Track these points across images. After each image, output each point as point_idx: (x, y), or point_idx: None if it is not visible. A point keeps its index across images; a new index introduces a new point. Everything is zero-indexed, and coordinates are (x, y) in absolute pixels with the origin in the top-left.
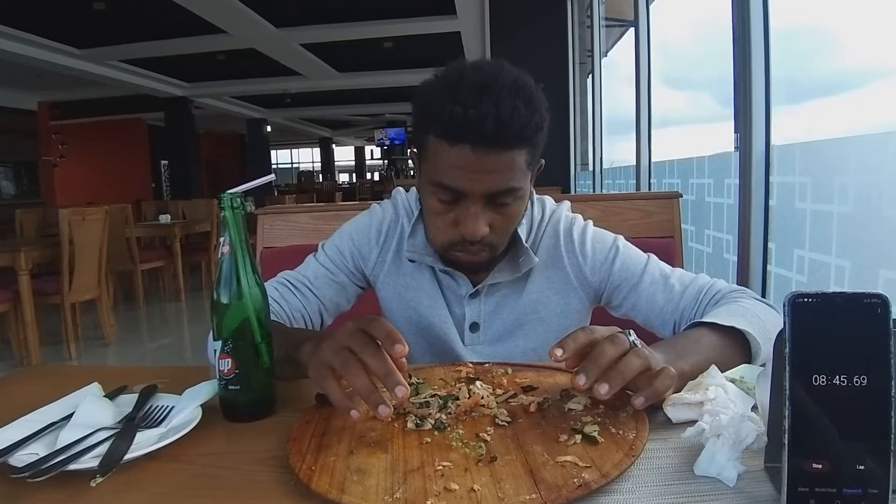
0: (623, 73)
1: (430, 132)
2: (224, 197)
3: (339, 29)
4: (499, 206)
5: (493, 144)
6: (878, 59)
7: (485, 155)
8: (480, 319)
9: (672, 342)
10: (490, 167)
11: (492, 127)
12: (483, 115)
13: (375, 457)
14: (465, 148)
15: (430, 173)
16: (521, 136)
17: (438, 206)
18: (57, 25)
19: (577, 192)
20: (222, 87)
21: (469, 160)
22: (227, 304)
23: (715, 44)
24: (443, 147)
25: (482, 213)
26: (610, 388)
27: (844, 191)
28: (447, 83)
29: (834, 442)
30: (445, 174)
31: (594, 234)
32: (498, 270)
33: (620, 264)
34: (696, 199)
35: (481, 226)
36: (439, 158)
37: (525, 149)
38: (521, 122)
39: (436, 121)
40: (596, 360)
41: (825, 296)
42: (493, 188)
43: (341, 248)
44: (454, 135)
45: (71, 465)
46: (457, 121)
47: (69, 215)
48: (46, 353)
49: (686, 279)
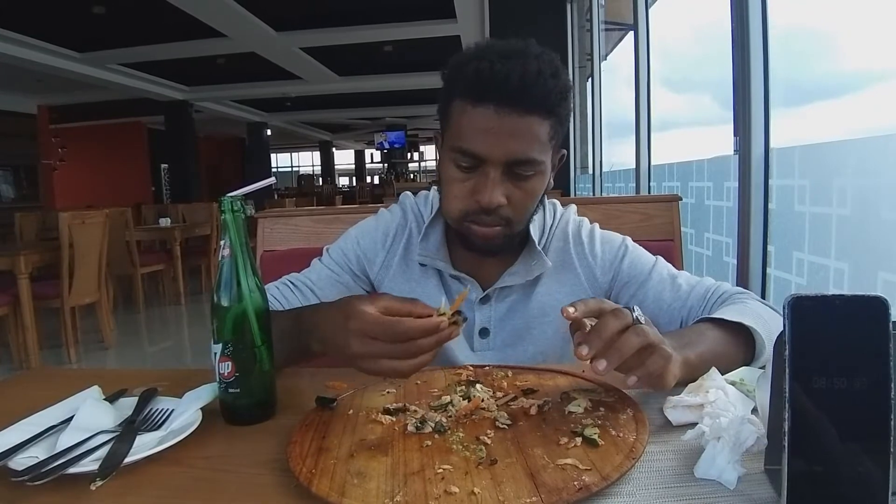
0: (622, 77)
1: (455, 94)
2: (224, 200)
3: (339, 33)
4: (518, 179)
5: (517, 104)
6: (876, 61)
7: (507, 116)
8: (491, 325)
9: (679, 333)
10: (512, 130)
11: (517, 84)
12: (508, 71)
13: (376, 460)
14: (488, 108)
15: (451, 139)
16: (545, 101)
17: (457, 174)
18: (57, 29)
19: (577, 196)
20: (222, 90)
21: (491, 121)
22: (228, 307)
23: (714, 47)
24: (466, 109)
25: (500, 182)
26: (608, 365)
27: (843, 194)
28: (476, 48)
29: (834, 444)
30: (466, 138)
31: (602, 235)
32: (509, 274)
33: (629, 262)
34: (695, 202)
35: (498, 194)
36: (462, 121)
37: (548, 119)
38: (547, 85)
39: (462, 79)
40: (599, 332)
41: (825, 298)
42: (514, 155)
43: (346, 250)
44: (479, 91)
45: (71, 469)
46: (482, 76)
47: (69, 219)
48: (46, 357)
49: (693, 280)
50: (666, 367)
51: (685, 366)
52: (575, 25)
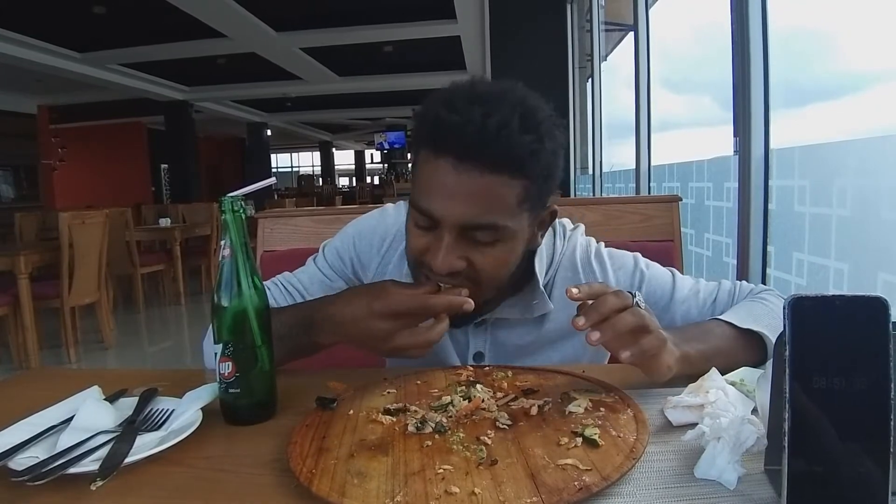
0: (622, 77)
1: (420, 143)
2: (224, 200)
3: (339, 33)
4: (478, 244)
5: (476, 160)
6: (876, 62)
7: (466, 173)
8: (485, 349)
9: (682, 329)
10: (470, 191)
11: (474, 137)
12: (466, 120)
13: (376, 460)
14: (447, 161)
15: (413, 194)
16: (510, 159)
17: (414, 230)
18: (57, 29)
19: (576, 196)
20: (223, 90)
21: (448, 177)
22: (228, 307)
23: (714, 47)
24: (428, 160)
25: (454, 246)
26: (601, 337)
27: (843, 194)
28: (451, 88)
29: (834, 444)
30: (424, 194)
31: (613, 260)
32: (508, 306)
33: (647, 288)
34: (695, 202)
35: (450, 258)
36: (422, 174)
37: (517, 179)
38: (512, 141)
39: (424, 127)
40: (597, 307)
41: (825, 299)
42: (467, 219)
43: (342, 252)
44: (436, 142)
45: (71, 469)
46: (441, 124)
47: (69, 219)
48: (46, 357)
49: (711, 287)
50: (660, 350)
51: (683, 361)
52: (575, 26)
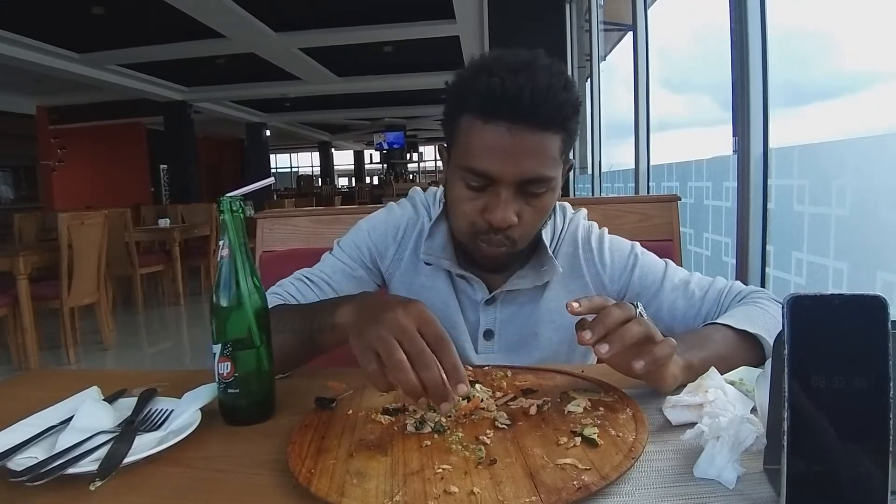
0: (621, 77)
1: (465, 110)
2: (223, 200)
3: (338, 33)
4: (529, 197)
5: (530, 122)
6: (875, 62)
7: (520, 134)
8: (495, 327)
9: (683, 336)
10: (525, 149)
11: (529, 101)
12: (519, 87)
13: (375, 460)
14: (500, 125)
15: (460, 158)
16: (557, 117)
17: (466, 193)
18: (56, 29)
19: (576, 196)
20: (222, 91)
21: (503, 140)
22: (227, 307)
23: (713, 47)
24: (476, 126)
25: (512, 201)
26: (609, 349)
27: (842, 193)
28: (483, 62)
29: (833, 444)
30: (477, 157)
31: (612, 243)
32: (518, 277)
33: (640, 272)
34: (694, 202)
35: (510, 213)
36: (471, 140)
37: (560, 134)
38: (558, 100)
39: (472, 96)
40: (602, 320)
41: (824, 298)
42: (527, 174)
43: (358, 243)
44: (490, 109)
45: (70, 469)
46: (494, 93)
47: (68, 220)
48: (45, 358)
49: (704, 283)
50: (671, 357)
51: (687, 369)
52: (574, 26)
